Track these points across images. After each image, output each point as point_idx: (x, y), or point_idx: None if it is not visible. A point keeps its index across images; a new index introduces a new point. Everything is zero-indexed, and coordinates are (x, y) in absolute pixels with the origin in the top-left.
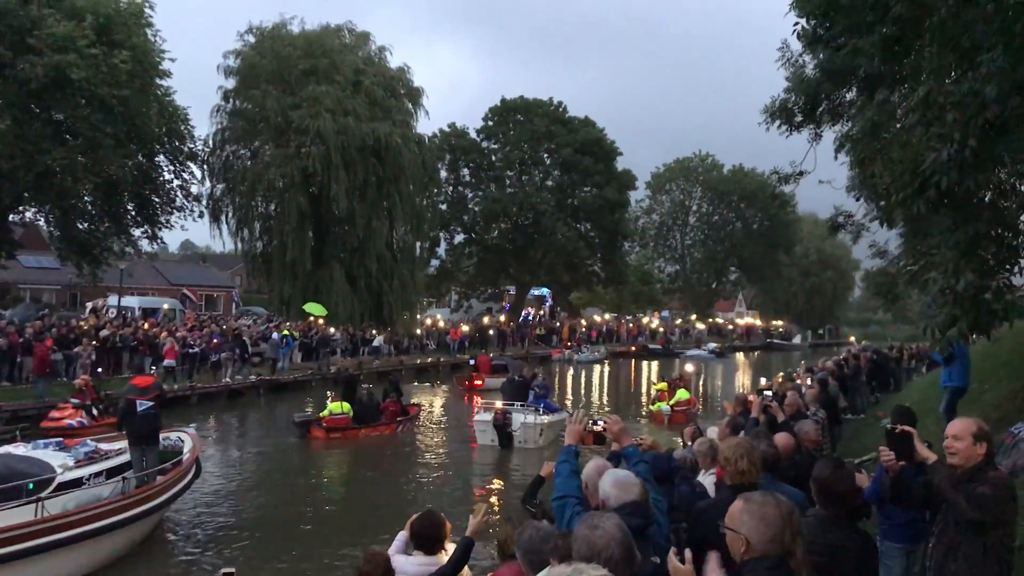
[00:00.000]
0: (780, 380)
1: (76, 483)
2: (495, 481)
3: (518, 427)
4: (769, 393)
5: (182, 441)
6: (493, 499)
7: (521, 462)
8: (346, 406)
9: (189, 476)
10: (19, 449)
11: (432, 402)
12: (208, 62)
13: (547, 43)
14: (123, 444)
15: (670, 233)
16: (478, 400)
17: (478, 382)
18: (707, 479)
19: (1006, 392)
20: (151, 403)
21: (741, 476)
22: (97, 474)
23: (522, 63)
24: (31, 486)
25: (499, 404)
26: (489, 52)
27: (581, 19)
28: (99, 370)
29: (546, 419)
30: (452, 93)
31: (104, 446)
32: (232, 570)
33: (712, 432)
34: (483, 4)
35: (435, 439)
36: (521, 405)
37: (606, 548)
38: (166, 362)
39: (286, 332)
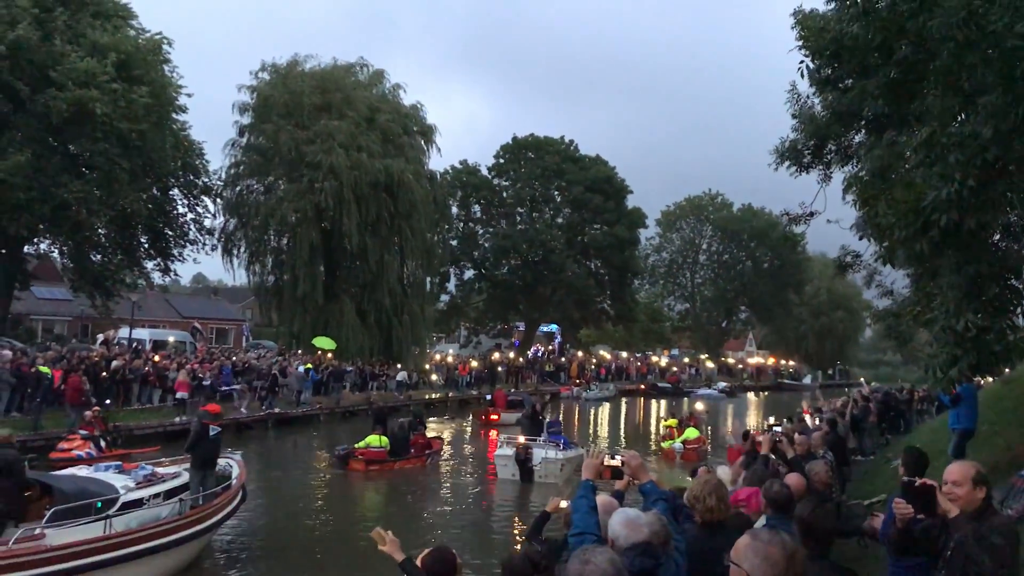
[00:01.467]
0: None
1: (137, 503)
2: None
3: (539, 462)
4: (779, 429)
5: (230, 467)
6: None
7: (540, 496)
8: (384, 440)
9: (237, 500)
10: (83, 471)
11: (449, 437)
12: (223, 98)
13: (558, 85)
14: (176, 469)
15: (680, 271)
16: (493, 434)
17: (494, 417)
18: None
19: (1017, 434)
20: (220, 429)
21: (710, 513)
22: (156, 495)
23: (534, 104)
24: (99, 504)
25: (521, 439)
26: (502, 94)
27: (592, 61)
28: (107, 401)
29: (564, 455)
30: (465, 133)
31: (160, 470)
32: None
33: (723, 472)
34: (496, 48)
35: (457, 473)
36: (539, 440)
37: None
38: (179, 394)
39: (309, 365)
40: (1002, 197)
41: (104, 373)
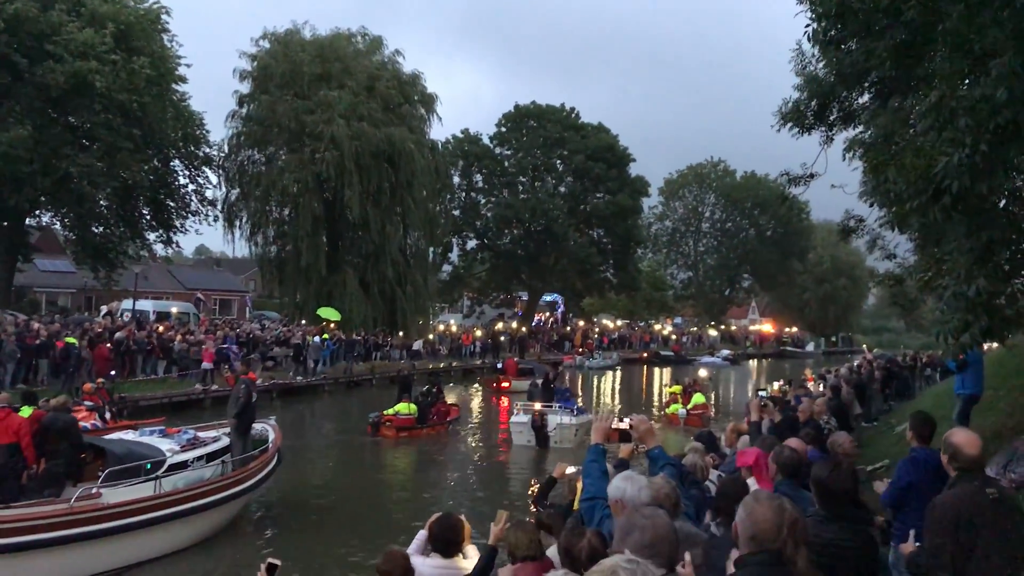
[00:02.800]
0: (779, 388)
1: (183, 465)
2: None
3: (554, 428)
4: (764, 393)
5: (267, 431)
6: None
7: (556, 461)
8: (412, 407)
9: (274, 462)
10: (129, 435)
11: (462, 404)
12: (222, 68)
13: (560, 58)
14: (216, 433)
15: (683, 240)
16: (504, 401)
17: (505, 384)
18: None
19: (1020, 400)
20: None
21: None
22: (199, 458)
23: (536, 78)
24: (148, 466)
25: (537, 406)
26: (503, 68)
27: (594, 33)
28: (112, 373)
29: (578, 420)
30: (468, 108)
31: (201, 434)
32: (278, 561)
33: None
34: (497, 23)
35: (475, 439)
36: (550, 406)
37: (668, 535)
38: (204, 364)
39: (326, 336)
40: (1013, 161)
41: (108, 345)
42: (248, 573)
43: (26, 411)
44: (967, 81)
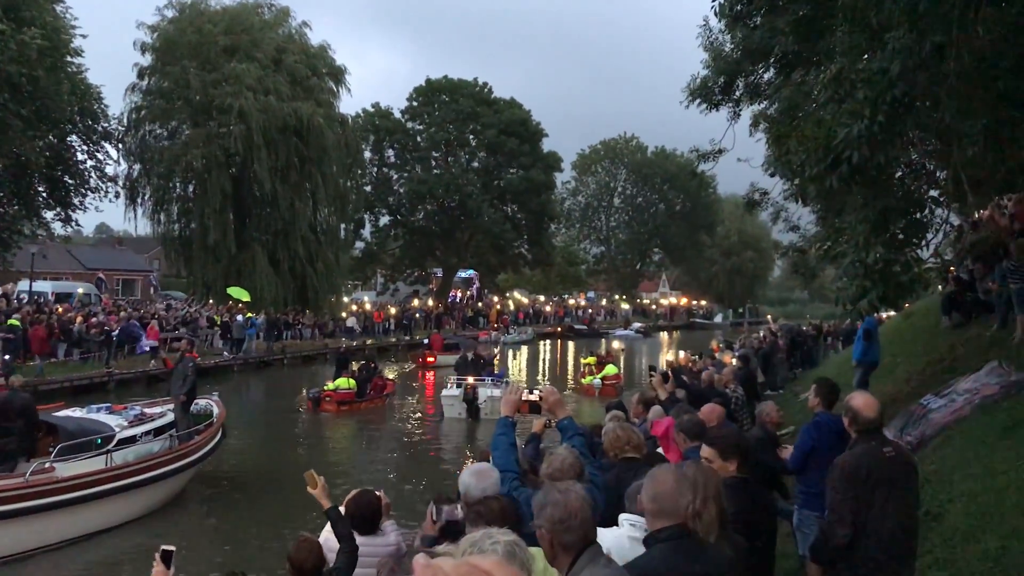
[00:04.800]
0: (685, 357)
1: (131, 440)
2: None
3: (484, 400)
4: (657, 370)
5: (211, 406)
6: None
7: (486, 432)
8: (352, 382)
9: (218, 437)
10: (76, 412)
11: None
12: (121, 39)
13: (474, 40)
14: (161, 409)
15: (595, 215)
16: (431, 376)
17: (431, 359)
18: None
19: (916, 365)
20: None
21: (638, 451)
22: (147, 432)
23: (450, 59)
24: (99, 441)
25: (471, 380)
26: (419, 49)
27: (508, 16)
28: (7, 357)
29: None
30: (382, 89)
31: (148, 410)
32: (172, 548)
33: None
34: (412, 4)
35: (407, 412)
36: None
37: (581, 510)
38: (148, 342)
39: (250, 315)
40: (908, 133)
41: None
42: (196, 542)
43: None
44: (866, 55)
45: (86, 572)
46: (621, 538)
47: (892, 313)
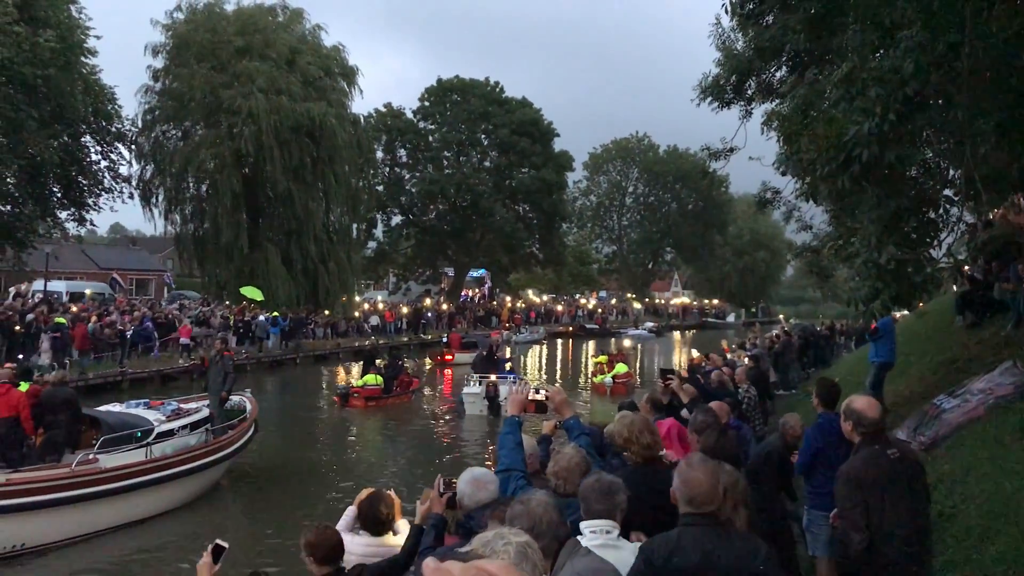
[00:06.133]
0: (698, 359)
1: (170, 433)
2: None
3: (504, 397)
4: (672, 373)
5: (244, 402)
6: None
7: None
8: (379, 378)
9: (251, 431)
10: (116, 407)
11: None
12: (135, 40)
13: (486, 42)
14: (196, 404)
15: (607, 214)
16: (449, 373)
17: (449, 357)
18: None
19: (930, 365)
20: None
21: (648, 451)
22: (184, 427)
23: (463, 62)
24: (139, 434)
25: (493, 377)
26: (431, 52)
27: (520, 18)
28: (20, 356)
29: None
30: (394, 92)
31: (184, 406)
32: (226, 545)
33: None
34: (424, 8)
35: (428, 409)
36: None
37: (545, 513)
38: (182, 340)
39: (275, 313)
40: (921, 131)
41: (18, 327)
42: (230, 532)
43: (24, 386)
44: (878, 53)
45: (127, 559)
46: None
47: (906, 312)
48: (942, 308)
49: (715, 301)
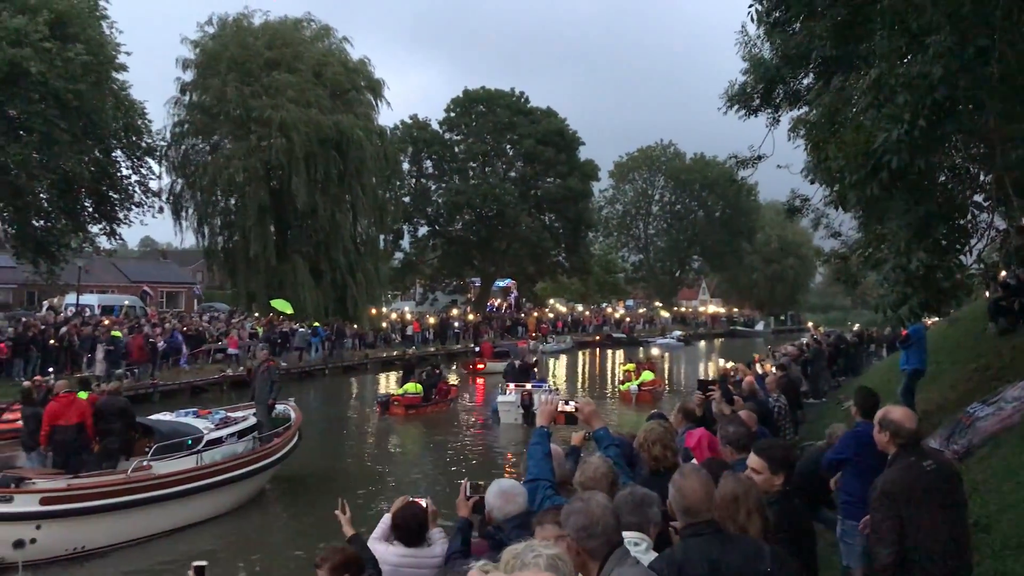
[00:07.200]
0: (730, 368)
1: (218, 441)
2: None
3: (539, 406)
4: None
5: (288, 411)
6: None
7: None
8: (419, 387)
9: (295, 439)
10: (167, 416)
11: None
12: (163, 54)
13: (512, 56)
14: (243, 413)
15: (633, 222)
16: (480, 382)
17: (481, 366)
18: None
19: (962, 373)
20: None
21: (656, 462)
22: (232, 435)
23: (488, 75)
24: (189, 442)
25: (528, 386)
26: (457, 67)
27: (546, 33)
28: (51, 370)
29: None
30: (420, 106)
31: (231, 414)
32: (204, 563)
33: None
34: (451, 25)
35: (465, 417)
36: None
37: (603, 516)
38: (230, 350)
39: (316, 324)
40: (950, 137)
41: (52, 340)
42: (276, 537)
43: (82, 395)
44: (906, 59)
45: (178, 563)
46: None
47: (937, 319)
48: (974, 315)
49: (744, 309)
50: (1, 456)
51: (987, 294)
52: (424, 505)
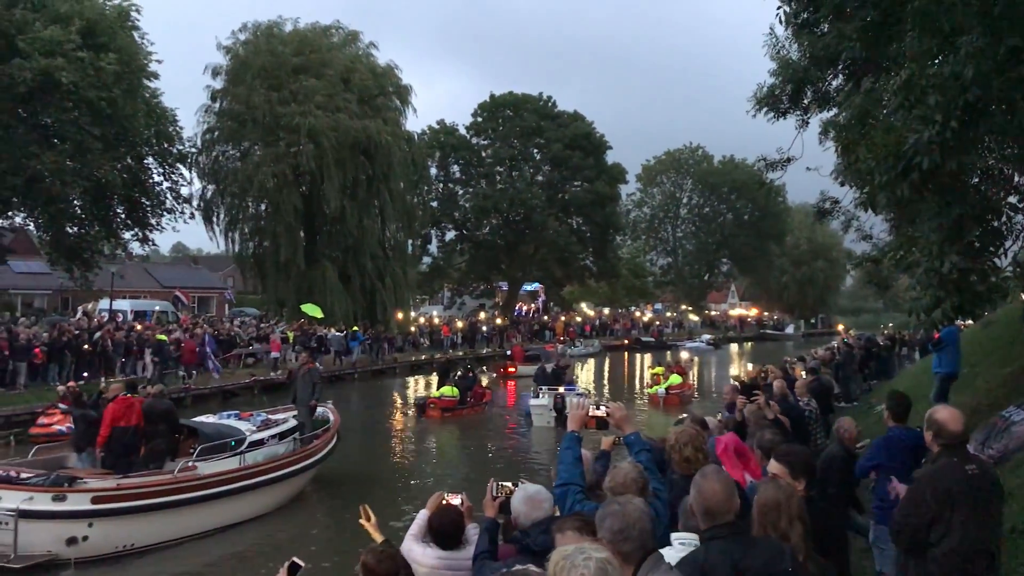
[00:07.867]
0: (758, 371)
1: (260, 443)
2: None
3: (570, 409)
4: (758, 394)
5: (327, 413)
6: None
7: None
8: (455, 390)
9: (334, 441)
10: (210, 419)
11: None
12: (194, 62)
13: (539, 61)
14: (283, 415)
15: (661, 226)
16: (511, 385)
17: (512, 369)
18: None
19: (997, 376)
20: None
21: (687, 464)
22: (273, 436)
23: (515, 81)
24: (232, 443)
25: (561, 389)
26: (484, 73)
27: (572, 37)
28: (85, 374)
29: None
30: (448, 112)
31: (272, 416)
32: (301, 563)
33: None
34: (477, 31)
35: (500, 420)
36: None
37: (639, 520)
38: (273, 354)
39: (355, 328)
40: (983, 138)
41: (86, 345)
42: (316, 537)
43: None
44: (936, 60)
45: (222, 561)
46: (673, 559)
47: (970, 322)
48: (1009, 318)
49: (774, 313)
50: (53, 456)
51: (1022, 296)
52: (459, 504)
